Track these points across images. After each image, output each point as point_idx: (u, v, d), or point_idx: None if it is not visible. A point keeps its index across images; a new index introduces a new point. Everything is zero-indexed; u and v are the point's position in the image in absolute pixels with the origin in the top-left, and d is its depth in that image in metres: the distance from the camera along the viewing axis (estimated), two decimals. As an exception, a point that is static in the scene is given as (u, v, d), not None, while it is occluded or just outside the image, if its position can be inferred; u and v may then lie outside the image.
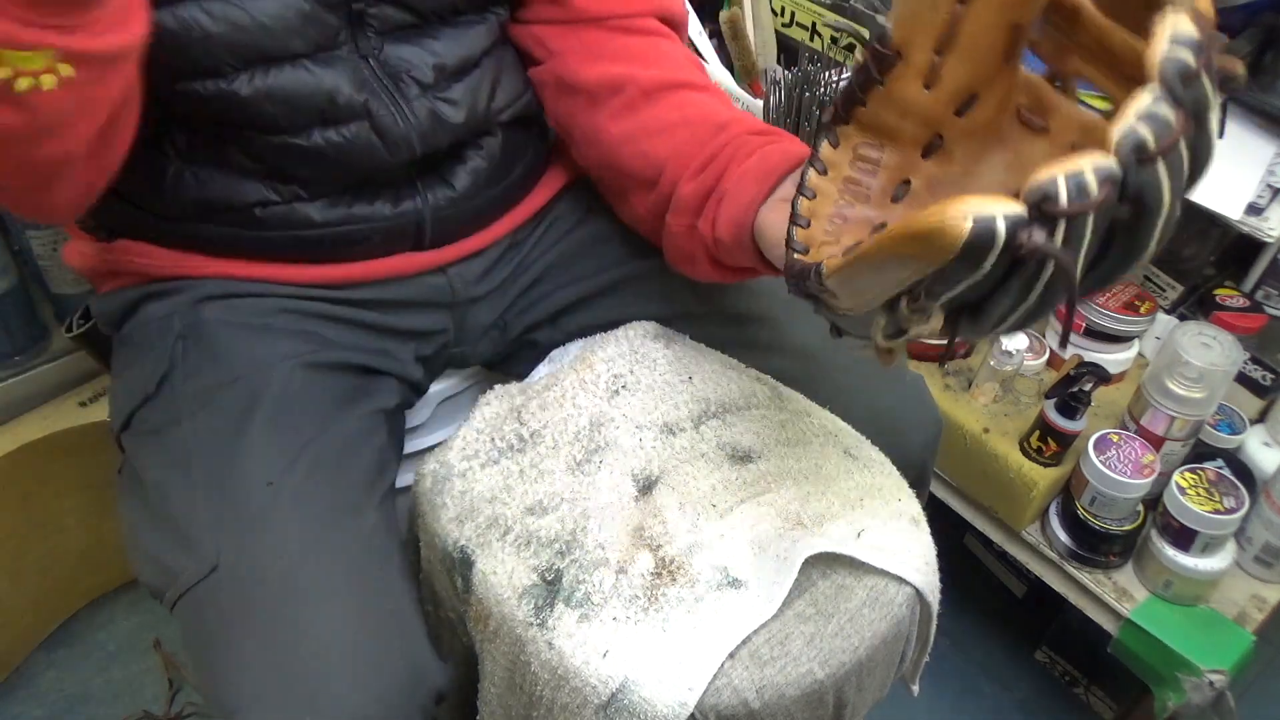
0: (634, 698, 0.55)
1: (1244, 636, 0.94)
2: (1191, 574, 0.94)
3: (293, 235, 0.66)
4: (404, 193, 0.69)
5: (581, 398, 0.72)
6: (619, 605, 0.59)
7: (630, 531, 0.64)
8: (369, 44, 0.63)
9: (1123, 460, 0.95)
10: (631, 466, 0.68)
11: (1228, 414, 1.02)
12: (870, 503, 0.65)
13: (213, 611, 0.57)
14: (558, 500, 0.66)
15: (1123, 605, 0.97)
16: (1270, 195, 0.97)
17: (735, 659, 0.57)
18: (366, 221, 0.68)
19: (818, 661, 0.58)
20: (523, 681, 0.60)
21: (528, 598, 0.60)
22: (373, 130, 0.64)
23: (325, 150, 0.63)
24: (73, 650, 1.22)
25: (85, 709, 1.16)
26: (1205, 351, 0.93)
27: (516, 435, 0.70)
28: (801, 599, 0.60)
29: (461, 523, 0.65)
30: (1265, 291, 1.09)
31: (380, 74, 0.64)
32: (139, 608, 1.26)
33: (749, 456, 0.69)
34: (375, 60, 0.64)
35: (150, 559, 0.62)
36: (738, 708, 0.56)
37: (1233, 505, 0.92)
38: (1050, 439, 0.99)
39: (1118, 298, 1.07)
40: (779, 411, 0.71)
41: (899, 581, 0.62)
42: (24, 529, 1.12)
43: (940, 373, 1.12)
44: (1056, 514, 1.03)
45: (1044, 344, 1.10)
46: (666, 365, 0.74)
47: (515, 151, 0.75)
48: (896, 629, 0.62)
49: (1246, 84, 1.02)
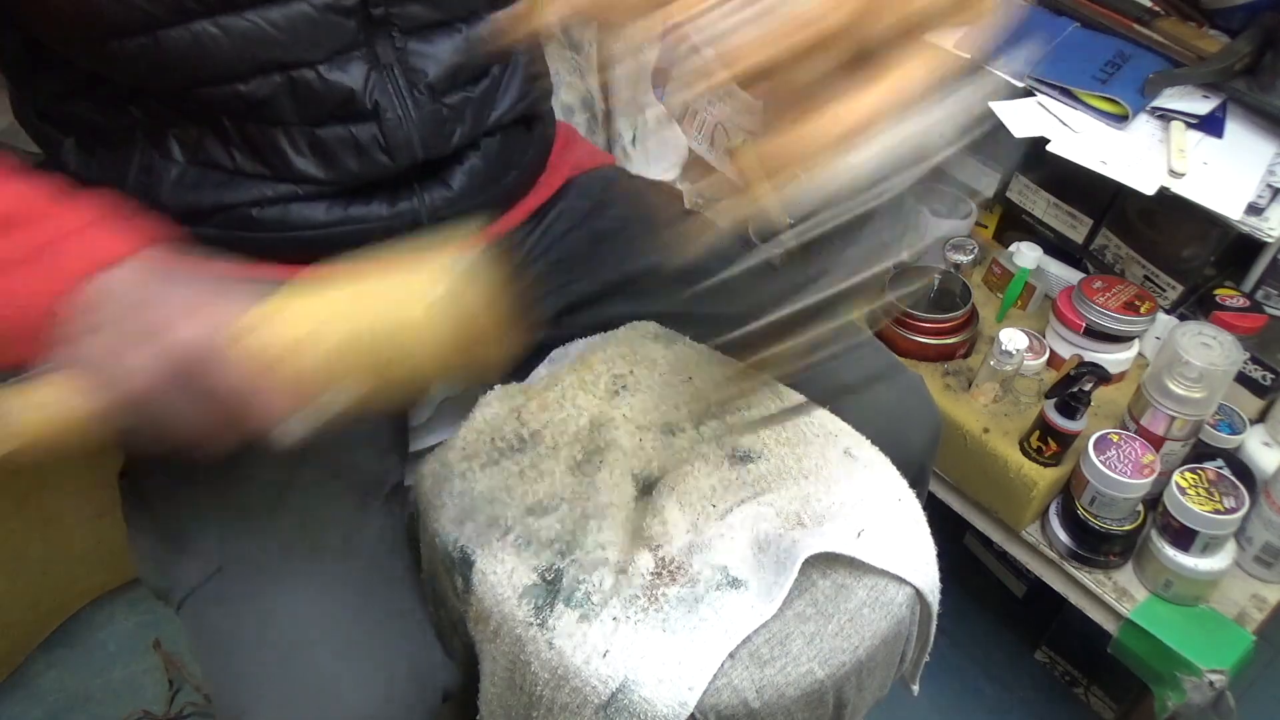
0: (634, 697, 0.55)
1: (1244, 636, 0.94)
2: (1191, 574, 0.94)
3: (290, 236, 0.66)
4: (401, 193, 0.69)
5: (581, 398, 0.72)
6: (619, 605, 0.59)
7: (630, 531, 0.64)
8: (390, 45, 0.63)
9: (1123, 460, 0.95)
10: (631, 466, 0.68)
11: (1228, 414, 1.02)
12: (870, 503, 0.65)
13: (218, 612, 0.57)
14: (558, 500, 0.66)
15: (1123, 605, 0.97)
16: (1270, 195, 0.97)
17: (735, 659, 0.57)
18: (363, 222, 0.68)
19: (818, 661, 0.58)
20: (523, 681, 0.60)
21: (528, 598, 0.60)
22: (379, 132, 0.64)
23: (328, 144, 0.63)
24: (73, 650, 1.22)
25: (85, 709, 1.16)
26: (1205, 351, 0.93)
27: (516, 435, 0.70)
28: (801, 599, 0.60)
29: (461, 523, 0.65)
30: (1265, 291, 1.09)
31: (397, 75, 0.64)
32: (139, 608, 1.26)
33: (749, 456, 0.69)
34: (395, 62, 0.63)
35: (154, 561, 0.62)
36: (738, 708, 0.56)
37: (1233, 505, 0.92)
38: (1050, 439, 0.99)
39: (1118, 297, 1.07)
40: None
41: (899, 581, 0.62)
42: (24, 529, 1.12)
43: (940, 372, 1.12)
44: (1056, 514, 1.03)
45: (1044, 344, 1.10)
46: (666, 365, 0.74)
47: (513, 152, 0.75)
48: (896, 629, 0.62)
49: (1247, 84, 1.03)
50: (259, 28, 0.57)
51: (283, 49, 0.58)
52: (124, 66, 0.57)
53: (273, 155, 0.63)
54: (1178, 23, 1.11)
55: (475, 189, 0.72)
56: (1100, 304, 1.06)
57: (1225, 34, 1.09)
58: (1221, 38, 1.09)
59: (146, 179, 0.63)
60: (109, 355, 0.45)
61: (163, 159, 0.63)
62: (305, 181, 0.65)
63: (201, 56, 0.57)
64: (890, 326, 1.11)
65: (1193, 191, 0.96)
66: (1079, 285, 1.08)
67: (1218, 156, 0.99)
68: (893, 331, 1.11)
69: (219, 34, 0.56)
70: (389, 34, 0.62)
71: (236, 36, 0.57)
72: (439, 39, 0.65)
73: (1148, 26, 1.10)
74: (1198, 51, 1.06)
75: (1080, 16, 1.12)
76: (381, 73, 0.63)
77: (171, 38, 0.55)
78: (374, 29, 0.62)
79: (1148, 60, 1.07)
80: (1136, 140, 1.02)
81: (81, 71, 0.61)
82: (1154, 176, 0.97)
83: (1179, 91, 1.05)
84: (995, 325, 1.16)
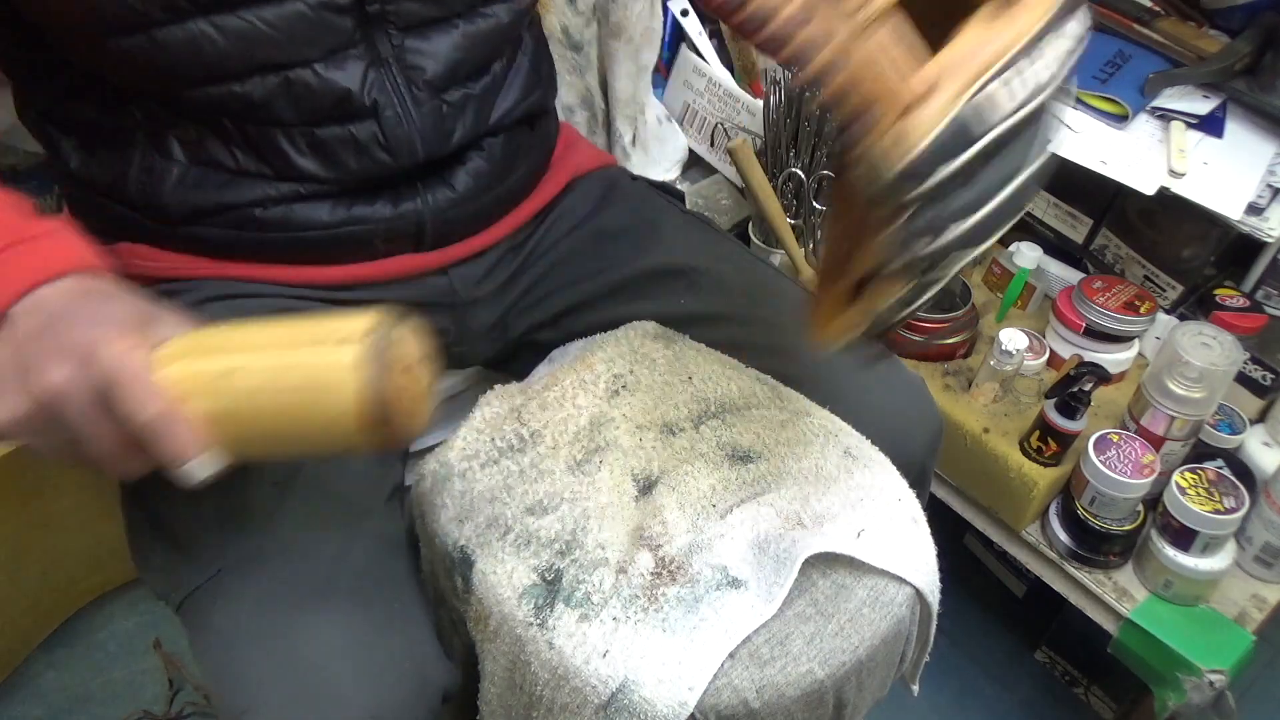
0: (634, 697, 0.55)
1: (1244, 636, 0.94)
2: (1191, 574, 0.94)
3: (294, 237, 0.66)
4: (404, 194, 0.69)
5: (581, 398, 0.72)
6: (619, 605, 0.59)
7: (630, 531, 0.64)
8: (388, 42, 0.63)
9: (1123, 460, 0.95)
10: (631, 466, 0.68)
11: (1228, 414, 1.02)
12: (870, 503, 0.65)
13: (219, 613, 0.57)
14: (558, 500, 0.66)
15: (1123, 605, 0.97)
16: (1270, 195, 0.97)
17: (735, 659, 0.57)
18: (367, 223, 0.68)
19: (818, 661, 0.58)
20: (523, 681, 0.60)
21: (528, 598, 0.60)
22: (379, 130, 0.64)
23: (328, 144, 0.63)
24: (73, 650, 1.22)
25: (85, 709, 1.16)
26: (1205, 351, 0.93)
27: (516, 435, 0.70)
28: (801, 599, 0.60)
29: (461, 523, 0.65)
30: (1265, 291, 1.09)
31: (395, 72, 0.64)
32: (139, 608, 1.26)
33: (749, 456, 0.69)
34: (392, 59, 0.63)
35: (154, 561, 0.62)
36: (738, 708, 0.56)
37: (1233, 505, 0.92)
38: (1050, 439, 0.99)
39: (1118, 297, 1.07)
40: (779, 411, 0.71)
41: (899, 581, 0.62)
42: (24, 529, 1.12)
43: (940, 373, 1.12)
44: (1056, 514, 1.03)
45: (1044, 344, 1.10)
46: (666, 365, 0.74)
47: (517, 153, 0.75)
48: (896, 629, 0.62)
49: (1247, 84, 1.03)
50: (254, 26, 0.57)
51: (278, 48, 0.58)
52: (123, 66, 0.57)
53: (274, 155, 0.63)
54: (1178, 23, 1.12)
55: (479, 190, 0.72)
56: (1100, 304, 1.06)
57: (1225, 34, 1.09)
58: (1221, 38, 1.09)
59: (148, 179, 0.63)
60: (21, 367, 0.45)
61: (163, 159, 0.63)
62: (307, 181, 0.65)
63: (198, 55, 0.57)
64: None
65: (1193, 191, 0.96)
66: (1079, 285, 1.08)
67: (1218, 156, 0.99)
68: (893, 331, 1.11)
69: (214, 33, 0.56)
70: (386, 31, 0.62)
71: (232, 35, 0.57)
72: (436, 35, 0.65)
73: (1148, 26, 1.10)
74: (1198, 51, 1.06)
75: (1080, 16, 1.12)
76: (379, 70, 0.63)
77: (168, 36, 0.55)
78: (370, 26, 0.62)
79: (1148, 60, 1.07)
80: (1136, 140, 1.02)
81: (82, 72, 0.61)
82: (1154, 176, 0.97)
83: (1179, 91, 1.06)
84: (995, 325, 1.16)
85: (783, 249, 1.15)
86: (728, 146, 1.09)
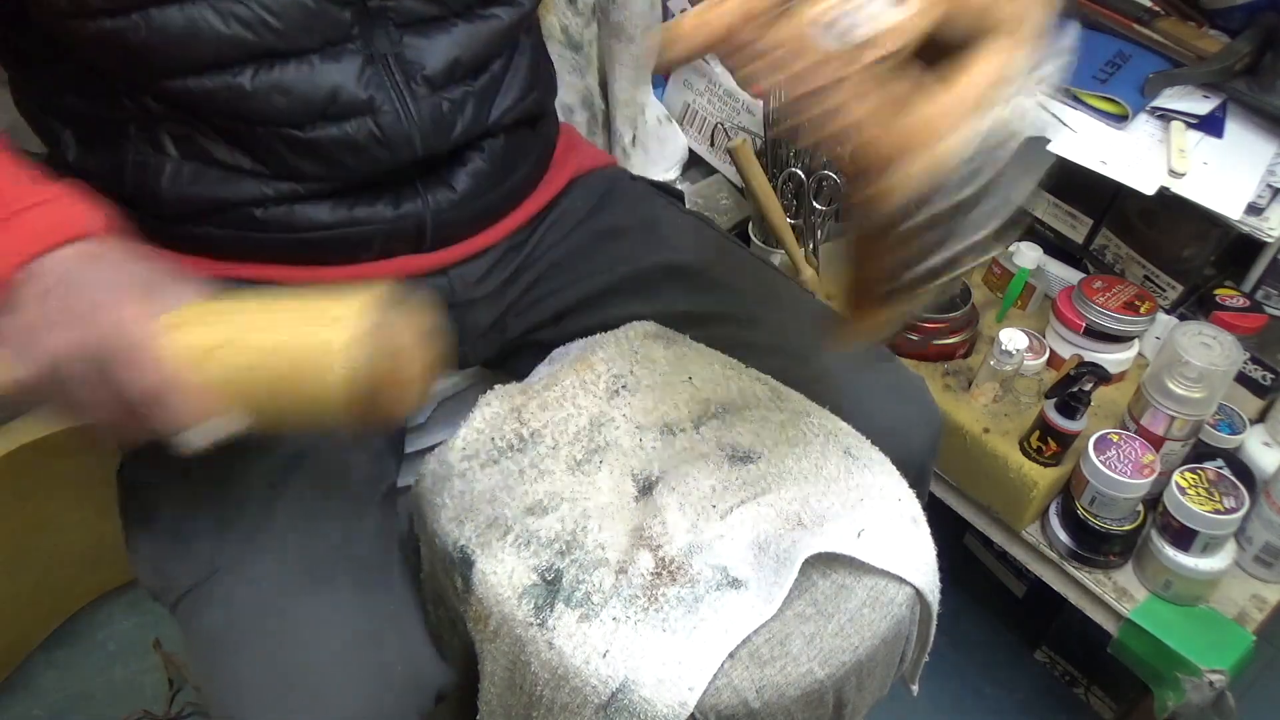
0: (634, 698, 0.55)
1: (1244, 636, 0.94)
2: (1191, 574, 0.94)
3: (294, 238, 0.66)
4: (405, 194, 0.68)
5: (581, 398, 0.72)
6: (619, 605, 0.59)
7: (630, 531, 0.64)
8: (387, 38, 0.63)
9: (1123, 460, 0.95)
10: (631, 466, 0.68)
11: (1228, 414, 1.02)
12: (870, 503, 0.65)
13: (213, 613, 0.57)
14: (558, 500, 0.66)
15: (1123, 605, 0.97)
16: (1270, 195, 0.97)
17: (735, 659, 0.57)
18: (367, 223, 0.67)
19: (818, 661, 0.58)
20: (523, 681, 0.60)
21: (528, 598, 0.60)
22: (375, 127, 0.63)
23: (323, 144, 0.63)
24: (73, 650, 1.22)
25: (85, 709, 1.16)
26: (1205, 351, 0.93)
27: (516, 435, 0.70)
28: (801, 599, 0.60)
29: (461, 523, 0.65)
30: (1265, 291, 1.09)
31: (393, 69, 0.63)
32: (139, 608, 1.26)
33: (749, 456, 0.69)
34: (390, 55, 0.63)
35: (150, 561, 0.62)
36: (738, 708, 0.56)
37: (1233, 505, 0.92)
38: (1050, 439, 0.99)
39: (1118, 297, 1.07)
40: (779, 411, 0.71)
41: (899, 581, 0.62)
42: (24, 529, 1.12)
43: (940, 373, 1.12)
44: (1056, 514, 1.03)
45: (1044, 344, 1.10)
46: (666, 365, 0.74)
47: (517, 153, 0.75)
48: (896, 629, 0.62)
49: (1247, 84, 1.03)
50: (254, 11, 0.57)
51: (276, 35, 0.58)
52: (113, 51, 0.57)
53: (268, 151, 0.63)
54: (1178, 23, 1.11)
55: (479, 191, 0.72)
56: (1100, 304, 1.06)
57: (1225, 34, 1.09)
58: (1221, 38, 1.09)
59: (142, 173, 0.63)
60: (26, 333, 0.46)
61: (157, 153, 0.63)
62: (305, 179, 0.64)
63: (194, 39, 0.56)
64: (890, 326, 1.11)
65: (1193, 191, 0.96)
66: (1079, 285, 1.08)
67: (1218, 156, 0.99)
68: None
69: (214, 17, 0.56)
70: (385, 27, 0.62)
71: (231, 19, 0.56)
72: (435, 33, 0.65)
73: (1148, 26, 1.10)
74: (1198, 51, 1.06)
75: (1080, 16, 1.12)
76: (375, 66, 0.63)
77: (166, 18, 0.55)
78: (370, 21, 0.62)
79: (1148, 60, 1.07)
80: (1136, 140, 1.02)
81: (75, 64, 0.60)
82: (1154, 176, 0.97)
83: (1179, 91, 1.06)
84: (995, 325, 1.16)
85: (783, 249, 1.15)
86: (728, 146, 1.09)
